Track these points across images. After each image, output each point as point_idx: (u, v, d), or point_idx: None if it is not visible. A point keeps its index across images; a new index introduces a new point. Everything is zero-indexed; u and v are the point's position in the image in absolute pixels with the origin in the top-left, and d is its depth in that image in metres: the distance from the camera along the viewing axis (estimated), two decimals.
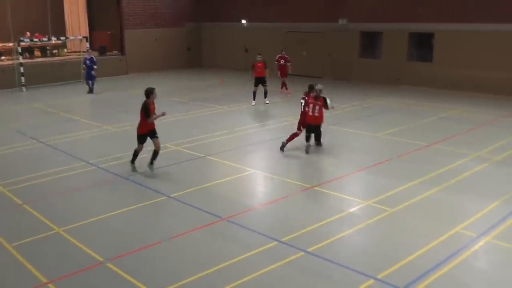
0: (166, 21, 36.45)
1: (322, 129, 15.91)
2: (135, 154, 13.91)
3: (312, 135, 15.77)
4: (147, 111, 13.26)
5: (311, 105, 15.43)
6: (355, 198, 11.91)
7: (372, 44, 29.97)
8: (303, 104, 15.79)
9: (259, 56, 23.38)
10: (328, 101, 15.46)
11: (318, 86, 15.45)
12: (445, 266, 8.68)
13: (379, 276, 8.35)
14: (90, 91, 27.15)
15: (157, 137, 13.66)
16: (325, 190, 12.40)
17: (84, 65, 27.41)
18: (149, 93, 13.35)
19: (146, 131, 13.56)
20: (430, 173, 13.37)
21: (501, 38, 23.85)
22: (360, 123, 18.99)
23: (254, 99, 23.06)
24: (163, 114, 13.75)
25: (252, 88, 23.11)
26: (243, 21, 34.91)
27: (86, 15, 36.74)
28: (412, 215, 10.89)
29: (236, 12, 35.35)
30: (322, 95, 15.44)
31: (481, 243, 9.59)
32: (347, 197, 12.01)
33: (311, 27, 31.36)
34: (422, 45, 27.60)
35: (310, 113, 15.43)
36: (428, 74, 26.40)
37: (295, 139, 15.64)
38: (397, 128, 18.30)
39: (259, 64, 23.11)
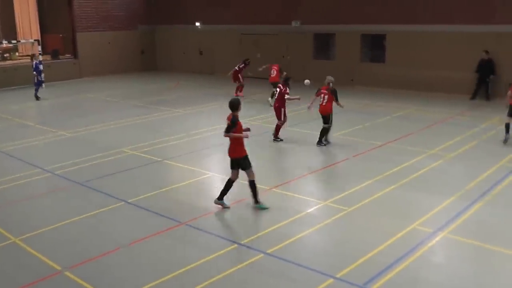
0: (119, 24, 36.08)
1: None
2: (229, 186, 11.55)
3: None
4: (233, 126, 11.11)
5: (322, 95, 16.22)
6: (312, 199, 12.03)
7: (325, 45, 30.28)
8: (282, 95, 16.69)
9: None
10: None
11: (329, 78, 16.40)
12: (404, 262, 8.85)
13: (339, 275, 8.46)
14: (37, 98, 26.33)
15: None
16: (283, 191, 12.48)
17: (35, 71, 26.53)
18: (238, 104, 11.21)
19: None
20: (386, 172, 13.61)
21: (451, 38, 24.41)
22: (315, 124, 19.13)
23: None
24: (248, 130, 11.58)
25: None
26: (197, 24, 34.84)
27: (37, 17, 35.97)
28: (369, 213, 11.06)
29: (190, 15, 35.25)
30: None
31: (437, 238, 9.81)
32: (304, 197, 12.12)
33: (266, 29, 31.50)
34: (375, 46, 28.04)
35: (320, 102, 16.26)
36: (381, 74, 26.86)
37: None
38: (352, 128, 18.55)
39: (274, 67, 23.72)
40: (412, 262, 8.90)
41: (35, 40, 32.56)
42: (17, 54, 34.31)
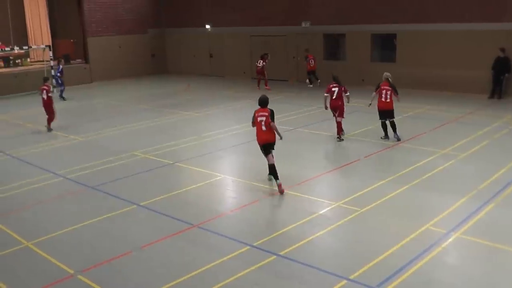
0: (129, 28, 36.21)
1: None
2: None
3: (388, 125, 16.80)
4: (273, 117, 12.45)
5: (384, 91, 16.55)
6: (325, 200, 11.99)
7: (335, 46, 30.22)
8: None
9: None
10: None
11: (387, 74, 16.93)
12: (417, 263, 8.78)
13: (352, 277, 8.41)
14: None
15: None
16: (295, 193, 12.43)
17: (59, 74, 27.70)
18: (268, 99, 12.77)
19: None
20: (398, 172, 13.54)
21: (462, 37, 24.28)
22: (326, 125, 19.10)
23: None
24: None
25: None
26: (207, 26, 34.87)
27: (48, 23, 36.18)
28: (382, 214, 11.00)
29: (200, 17, 35.30)
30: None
31: (451, 239, 9.73)
32: (317, 199, 12.08)
33: (275, 30, 31.50)
34: (385, 46, 27.94)
35: (383, 99, 16.58)
36: (392, 74, 26.57)
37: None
38: (364, 128, 18.47)
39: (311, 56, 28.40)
40: (426, 263, 8.83)
41: (46, 45, 32.72)
42: (28, 60, 34.51)
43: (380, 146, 16.05)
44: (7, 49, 31.17)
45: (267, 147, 12.65)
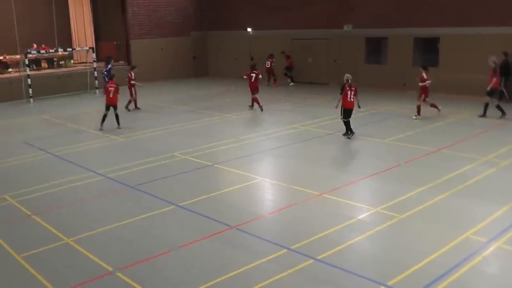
0: (172, 30, 36.55)
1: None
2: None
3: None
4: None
5: (348, 92, 17.63)
6: (364, 205, 11.88)
7: (377, 49, 29.96)
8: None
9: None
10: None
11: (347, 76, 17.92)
12: (456, 272, 8.62)
13: (390, 283, 8.31)
14: None
15: None
16: (333, 197, 12.36)
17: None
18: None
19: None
20: (438, 179, 13.33)
21: (506, 41, 23.77)
22: (367, 129, 18.96)
23: None
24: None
25: None
26: (249, 29, 34.97)
27: (92, 26, 36.87)
28: (421, 221, 10.84)
29: (241, 20, 35.41)
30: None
31: (491, 248, 9.53)
32: (356, 203, 11.98)
33: (317, 33, 31.40)
34: (428, 50, 27.57)
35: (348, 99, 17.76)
36: (434, 78, 26.30)
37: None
38: (404, 133, 18.25)
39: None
40: (465, 272, 8.66)
41: (89, 47, 33.32)
42: (72, 61, 35.18)
43: (421, 152, 15.82)
44: (51, 50, 31.89)
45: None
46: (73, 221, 11.52)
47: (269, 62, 31.42)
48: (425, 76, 20.18)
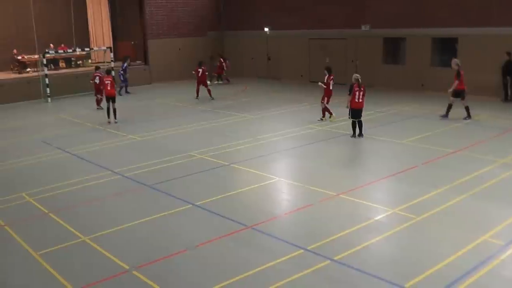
0: (189, 31, 36.67)
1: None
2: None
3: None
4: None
5: (356, 93, 17.77)
6: (381, 206, 11.81)
7: (395, 49, 29.81)
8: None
9: None
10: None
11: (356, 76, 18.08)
12: (473, 275, 8.53)
13: (407, 285, 8.24)
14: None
15: None
16: (350, 198, 12.30)
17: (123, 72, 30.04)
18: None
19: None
20: (456, 180, 13.20)
21: None
22: (385, 130, 18.86)
23: None
24: None
25: None
26: (266, 29, 34.96)
27: (109, 26, 37.08)
28: (439, 223, 10.75)
29: (258, 20, 35.43)
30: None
31: (509, 252, 9.41)
32: (373, 204, 11.91)
33: (334, 33, 31.31)
34: (446, 50, 27.35)
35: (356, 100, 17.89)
36: (452, 79, 26.12)
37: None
38: (422, 134, 18.12)
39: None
40: (482, 275, 8.55)
41: (107, 47, 33.50)
42: (89, 61, 35.40)
43: (438, 153, 15.69)
44: (69, 50, 32.14)
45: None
46: (90, 220, 11.58)
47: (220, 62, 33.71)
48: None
